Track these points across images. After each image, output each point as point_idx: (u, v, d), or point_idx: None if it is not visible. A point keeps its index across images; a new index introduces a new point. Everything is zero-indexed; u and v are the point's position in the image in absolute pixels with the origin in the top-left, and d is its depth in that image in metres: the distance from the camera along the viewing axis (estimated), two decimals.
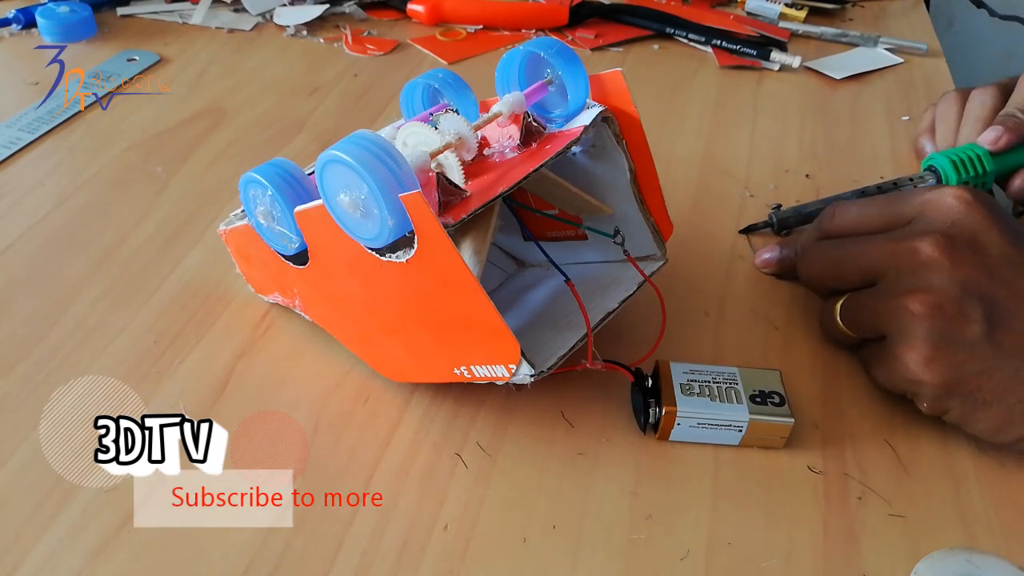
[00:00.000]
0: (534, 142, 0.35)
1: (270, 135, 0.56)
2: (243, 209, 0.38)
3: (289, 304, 0.40)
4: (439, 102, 0.37)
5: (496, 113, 0.35)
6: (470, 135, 0.33)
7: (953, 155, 0.49)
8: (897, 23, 0.78)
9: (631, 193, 0.37)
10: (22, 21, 0.68)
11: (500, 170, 0.33)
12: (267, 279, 0.40)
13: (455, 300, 0.31)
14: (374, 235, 0.30)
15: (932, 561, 0.31)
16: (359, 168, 0.29)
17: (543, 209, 0.40)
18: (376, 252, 0.32)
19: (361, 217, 0.30)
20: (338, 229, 0.32)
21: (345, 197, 0.30)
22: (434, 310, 0.32)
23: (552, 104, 0.36)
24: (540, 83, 0.36)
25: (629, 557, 0.32)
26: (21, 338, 0.39)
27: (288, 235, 0.35)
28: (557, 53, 0.35)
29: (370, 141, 0.29)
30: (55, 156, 0.53)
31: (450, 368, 0.33)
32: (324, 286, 0.37)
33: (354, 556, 0.31)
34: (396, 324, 0.35)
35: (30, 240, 0.46)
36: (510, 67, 0.36)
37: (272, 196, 0.35)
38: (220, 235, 0.42)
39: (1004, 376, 0.33)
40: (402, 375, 0.37)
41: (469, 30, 0.73)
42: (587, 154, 0.38)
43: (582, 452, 0.36)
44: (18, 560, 0.30)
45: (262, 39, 0.70)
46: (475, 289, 0.30)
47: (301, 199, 0.34)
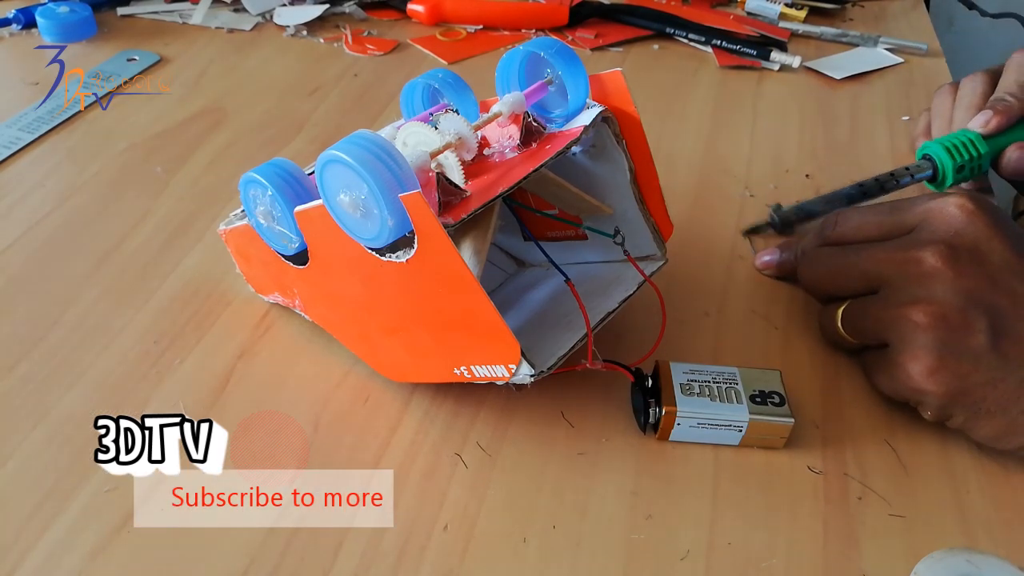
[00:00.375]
0: (534, 142, 0.35)
1: (270, 135, 0.56)
2: (243, 209, 0.38)
3: (289, 304, 0.40)
4: (439, 102, 0.37)
5: (496, 113, 0.35)
6: (470, 135, 0.33)
7: (946, 142, 0.49)
8: (897, 23, 0.78)
9: (631, 193, 0.37)
10: (22, 21, 0.68)
11: (500, 170, 0.33)
12: (267, 279, 0.40)
13: (455, 300, 0.31)
14: (374, 235, 0.30)
15: (932, 561, 0.31)
16: (359, 168, 0.29)
17: (543, 209, 0.40)
18: (376, 252, 0.32)
19: (361, 217, 0.30)
20: (338, 229, 0.32)
21: (345, 197, 0.30)
22: (434, 310, 0.32)
23: (552, 104, 0.36)
24: (540, 83, 0.36)
25: (629, 557, 0.32)
26: (21, 338, 0.39)
27: (288, 235, 0.35)
28: (557, 53, 0.35)
29: (370, 141, 0.29)
30: (55, 156, 0.53)
31: (450, 368, 0.33)
32: (324, 286, 0.37)
33: (354, 556, 0.31)
34: (396, 324, 0.35)
35: (30, 240, 0.46)
36: (510, 67, 0.36)
37: (272, 196, 0.35)
38: (220, 235, 0.42)
39: (1009, 386, 0.33)
40: (402, 375, 0.37)
41: (469, 30, 0.73)
42: (587, 154, 0.38)
43: (582, 452, 0.36)
44: (18, 560, 0.30)
45: (262, 39, 0.70)
46: (475, 289, 0.30)
47: (301, 199, 0.34)
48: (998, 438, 0.35)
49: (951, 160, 0.48)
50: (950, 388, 0.34)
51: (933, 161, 0.49)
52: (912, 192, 0.50)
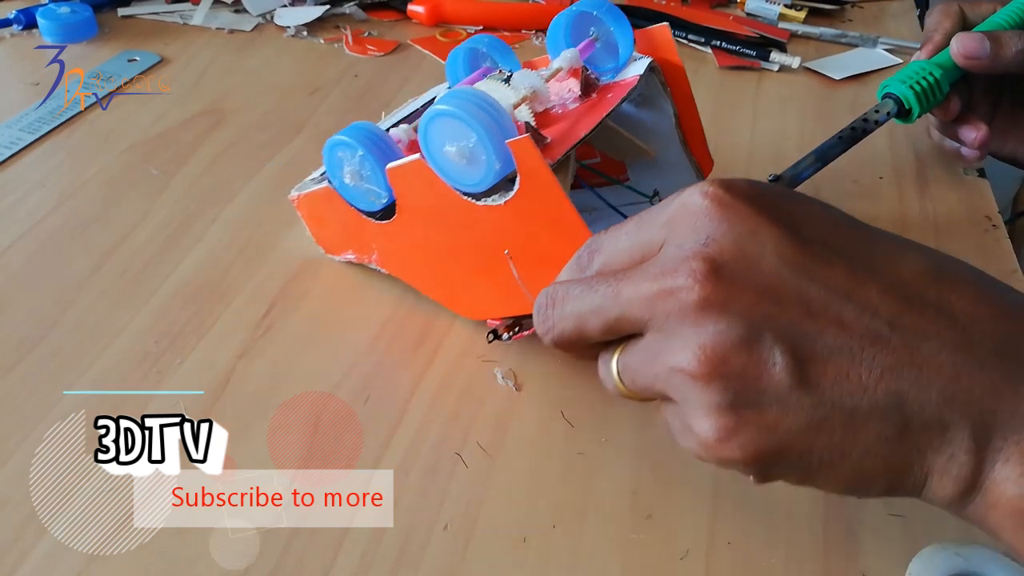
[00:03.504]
0: (593, 93, 0.38)
1: (270, 135, 0.56)
2: (321, 173, 0.41)
3: (363, 260, 0.43)
4: (481, 66, 0.41)
5: (557, 68, 0.38)
6: (544, 88, 0.37)
7: (901, 75, 0.50)
8: (896, 24, 0.78)
9: (676, 136, 0.41)
10: (23, 22, 0.68)
11: (569, 119, 0.37)
12: (342, 238, 0.43)
13: (551, 233, 0.34)
14: (477, 180, 0.34)
15: (923, 559, 0.31)
16: (469, 119, 0.32)
17: (583, 159, 0.44)
18: (472, 198, 0.35)
19: (467, 165, 0.34)
20: (432, 180, 0.35)
21: (452, 148, 0.34)
22: (525, 246, 0.35)
23: (598, 60, 0.40)
24: (588, 40, 0.39)
25: (629, 557, 0.32)
26: (21, 338, 0.39)
27: (377, 191, 0.38)
28: (607, 11, 0.39)
29: (474, 95, 0.33)
30: (56, 156, 0.53)
31: (534, 300, 0.36)
32: (408, 237, 0.40)
33: (354, 556, 0.31)
34: (482, 265, 0.38)
35: (30, 240, 0.46)
36: (558, 29, 0.40)
37: (362, 156, 0.38)
38: (291, 201, 0.44)
39: (835, 425, 0.24)
40: (482, 313, 0.40)
41: (469, 31, 0.73)
42: (633, 102, 0.41)
43: (582, 452, 0.36)
44: (18, 560, 0.30)
45: (262, 40, 0.70)
46: (574, 219, 0.33)
47: (388, 157, 0.38)
48: (854, 490, 0.26)
49: (910, 90, 0.49)
50: (759, 449, 0.25)
51: (894, 96, 0.49)
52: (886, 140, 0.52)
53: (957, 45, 0.49)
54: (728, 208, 0.26)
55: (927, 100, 0.49)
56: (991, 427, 0.24)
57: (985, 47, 0.48)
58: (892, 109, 0.49)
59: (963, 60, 0.49)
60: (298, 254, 0.45)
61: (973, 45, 0.48)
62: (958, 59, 0.50)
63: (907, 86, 0.49)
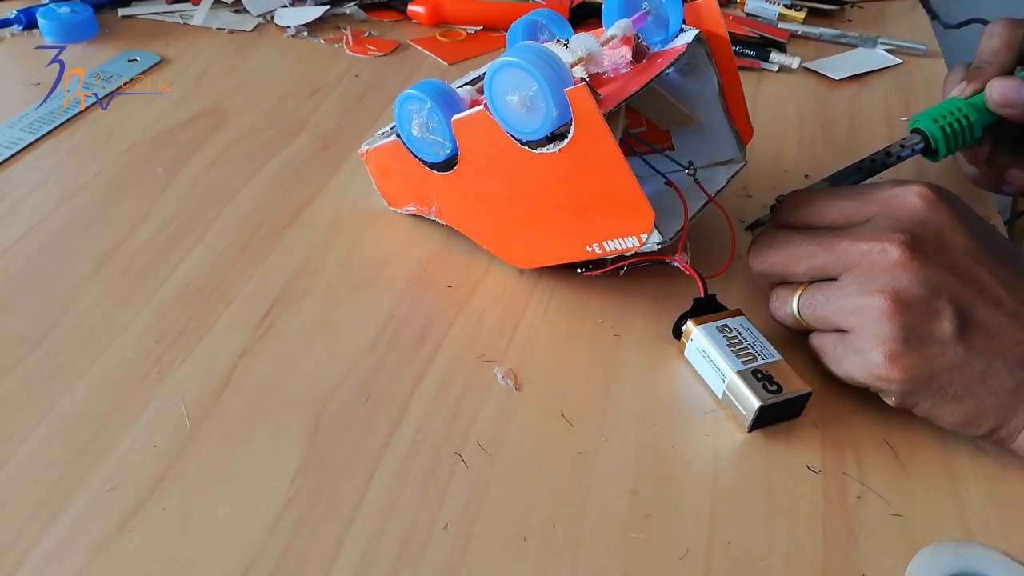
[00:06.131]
0: (644, 59, 0.41)
1: (271, 136, 0.56)
2: (391, 127, 0.44)
3: (424, 212, 0.46)
4: (539, 37, 0.44)
5: (611, 36, 0.40)
6: (599, 51, 0.39)
7: (933, 112, 0.48)
8: (896, 24, 0.78)
9: (719, 105, 0.44)
10: (23, 22, 0.68)
11: (620, 81, 0.39)
12: (405, 190, 0.47)
13: (602, 179, 0.36)
14: (535, 128, 0.36)
15: (923, 559, 0.31)
16: (532, 68, 0.35)
17: (631, 128, 0.47)
18: (529, 147, 0.37)
19: (527, 112, 0.36)
20: (494, 131, 0.38)
21: (514, 97, 0.36)
22: (577, 193, 0.38)
23: (648, 33, 0.42)
24: (640, 13, 0.42)
25: (629, 557, 0.32)
26: (21, 338, 0.40)
27: (441, 143, 0.41)
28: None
29: (537, 48, 0.36)
30: (56, 156, 0.53)
31: (582, 246, 0.39)
32: (467, 188, 0.42)
33: (354, 556, 0.31)
34: (535, 213, 0.40)
35: (31, 240, 0.46)
36: (613, 4, 0.42)
37: (431, 108, 0.40)
38: (361, 156, 0.48)
39: (975, 370, 0.33)
40: (532, 261, 0.43)
41: (469, 31, 0.73)
42: (679, 72, 0.44)
43: (582, 452, 0.36)
44: (19, 560, 0.31)
45: (263, 40, 0.70)
46: (623, 166, 0.35)
47: (455, 109, 0.40)
48: (967, 424, 0.34)
49: (940, 130, 0.48)
50: (915, 374, 0.33)
51: (922, 132, 0.49)
52: (909, 166, 0.51)
53: (993, 90, 0.47)
54: (936, 205, 0.35)
55: (956, 143, 0.48)
56: None
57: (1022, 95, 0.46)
58: (918, 145, 0.48)
59: (998, 108, 0.47)
60: (299, 254, 0.46)
61: (1011, 93, 0.46)
62: (992, 105, 0.47)
63: (938, 125, 0.48)
